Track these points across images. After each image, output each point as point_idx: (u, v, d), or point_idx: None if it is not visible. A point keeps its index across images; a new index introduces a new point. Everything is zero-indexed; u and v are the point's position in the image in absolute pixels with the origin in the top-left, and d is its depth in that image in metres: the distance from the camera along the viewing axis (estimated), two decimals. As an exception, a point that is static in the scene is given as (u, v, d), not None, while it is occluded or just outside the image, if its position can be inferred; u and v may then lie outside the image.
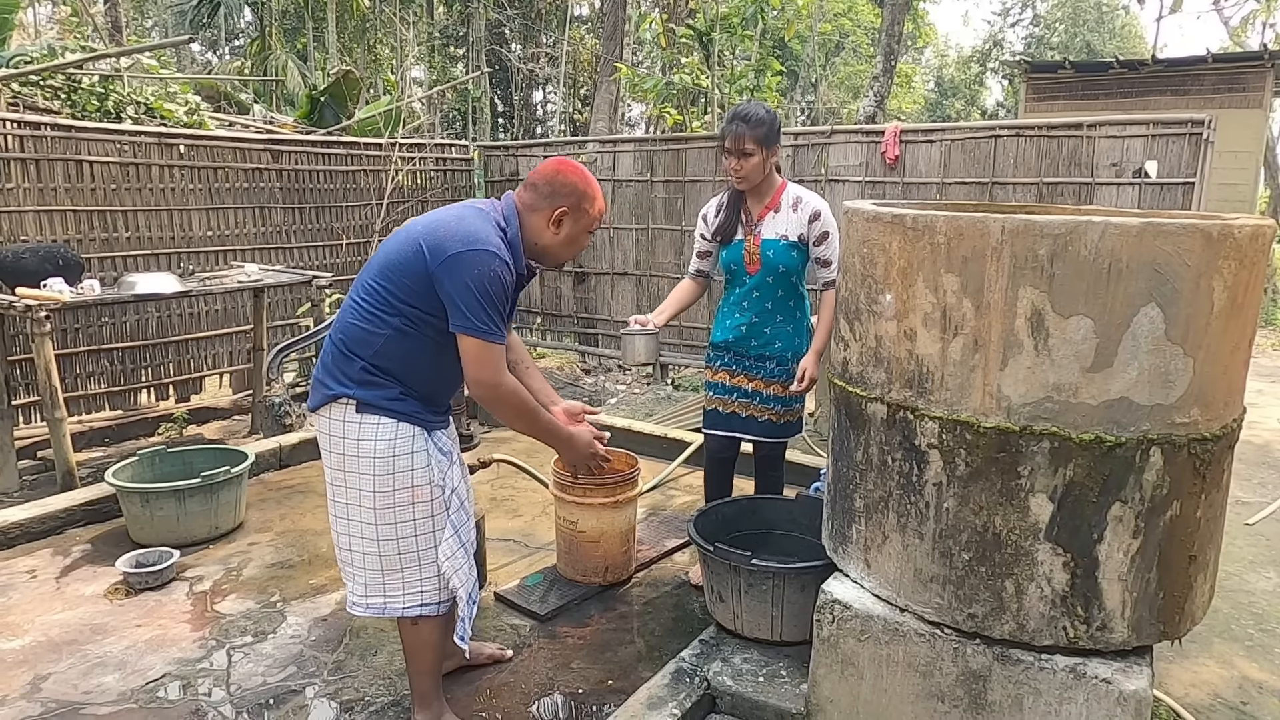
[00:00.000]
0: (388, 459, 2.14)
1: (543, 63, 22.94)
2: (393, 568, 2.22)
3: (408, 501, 2.18)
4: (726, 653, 2.63)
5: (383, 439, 2.13)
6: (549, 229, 2.23)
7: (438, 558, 2.23)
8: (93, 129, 5.47)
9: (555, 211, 2.21)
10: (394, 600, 2.25)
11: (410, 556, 2.22)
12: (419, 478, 2.18)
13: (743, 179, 2.97)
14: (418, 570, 2.23)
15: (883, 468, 2.10)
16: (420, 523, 2.21)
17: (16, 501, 4.14)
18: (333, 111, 9.32)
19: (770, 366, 3.08)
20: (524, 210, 2.24)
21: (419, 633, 2.32)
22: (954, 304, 1.91)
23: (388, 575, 2.23)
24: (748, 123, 2.89)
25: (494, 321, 2.08)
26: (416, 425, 2.18)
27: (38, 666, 2.74)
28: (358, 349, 2.15)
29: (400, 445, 2.15)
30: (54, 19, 16.85)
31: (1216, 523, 2.02)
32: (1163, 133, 5.20)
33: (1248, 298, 1.86)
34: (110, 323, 5.50)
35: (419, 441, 2.18)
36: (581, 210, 2.24)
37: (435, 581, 2.26)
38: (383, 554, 2.21)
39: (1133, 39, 29.22)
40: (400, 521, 2.19)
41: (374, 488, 2.15)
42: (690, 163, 7.09)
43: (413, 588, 2.24)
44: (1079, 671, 1.90)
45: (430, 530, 2.22)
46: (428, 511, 2.21)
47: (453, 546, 2.25)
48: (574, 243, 2.30)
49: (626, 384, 7.54)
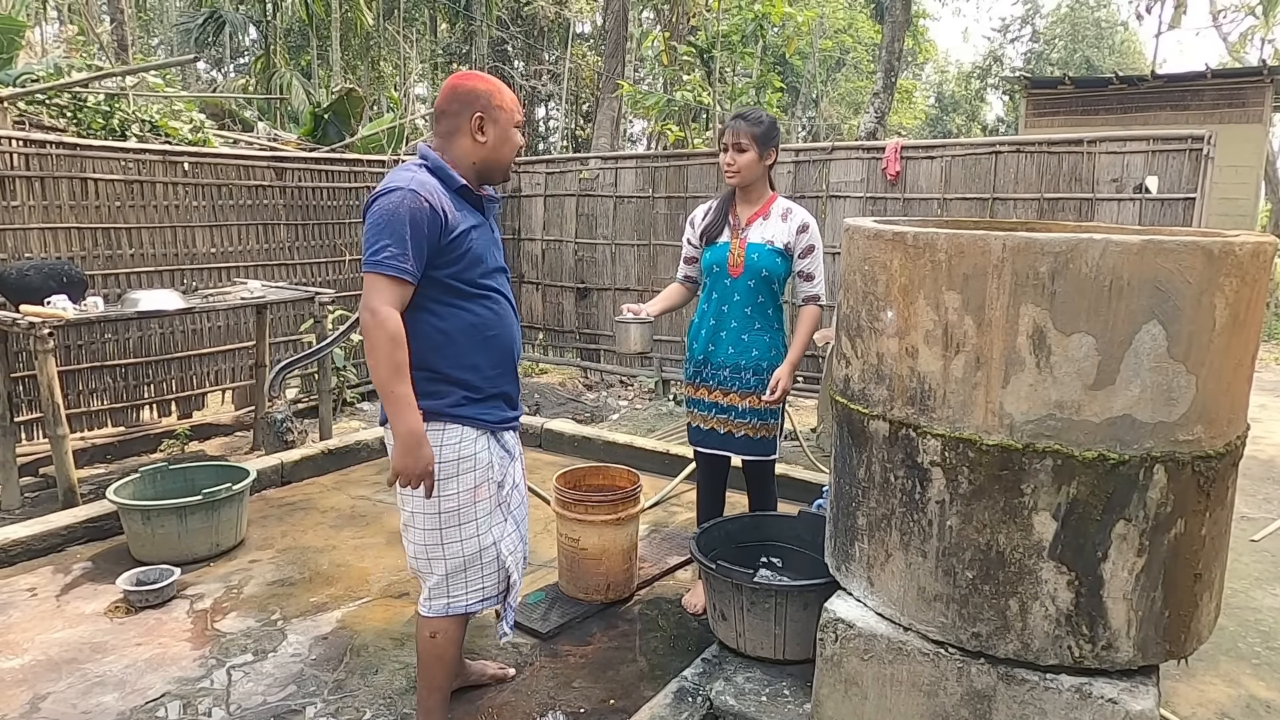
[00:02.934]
0: (453, 463, 2.20)
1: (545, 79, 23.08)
2: (457, 569, 2.28)
3: (470, 501, 2.25)
4: (729, 672, 2.61)
5: (448, 444, 2.19)
6: (476, 142, 2.21)
7: (500, 553, 2.32)
8: (98, 147, 5.50)
9: (472, 121, 2.19)
10: (457, 600, 2.32)
11: (473, 556, 2.28)
12: (480, 477, 2.25)
13: (735, 173, 3.01)
14: (480, 569, 2.31)
15: (885, 485, 2.09)
16: (482, 521, 2.28)
17: (18, 518, 4.13)
18: (336, 129, 9.37)
19: (746, 377, 3.06)
20: (444, 140, 2.22)
21: (436, 646, 2.34)
22: (955, 321, 1.91)
23: (453, 578, 2.29)
24: (746, 120, 2.98)
25: (385, 250, 2.02)
26: (479, 429, 2.24)
27: (37, 686, 2.72)
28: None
29: (464, 448, 2.21)
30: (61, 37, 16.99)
31: (1221, 540, 2.01)
32: (1163, 148, 5.21)
33: (1250, 314, 1.86)
34: (113, 339, 5.51)
35: (482, 443, 2.25)
36: (494, 108, 2.20)
37: (495, 575, 2.34)
38: (448, 557, 2.27)
39: (1132, 55, 29.36)
40: (464, 523, 2.25)
41: (439, 492, 2.21)
42: (692, 179, 7.12)
43: (475, 584, 2.31)
44: (1085, 691, 1.88)
45: (490, 527, 2.30)
46: (488, 509, 2.29)
47: (514, 541, 2.37)
48: (506, 141, 2.25)
49: (629, 399, 7.54)
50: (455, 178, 2.18)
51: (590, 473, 3.53)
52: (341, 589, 3.45)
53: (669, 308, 3.29)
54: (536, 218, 8.15)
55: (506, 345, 2.31)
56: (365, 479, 4.82)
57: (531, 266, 8.27)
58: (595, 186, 7.72)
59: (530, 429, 5.59)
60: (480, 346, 2.23)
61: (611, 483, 3.47)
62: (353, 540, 3.93)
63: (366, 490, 4.63)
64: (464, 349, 2.20)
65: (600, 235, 7.73)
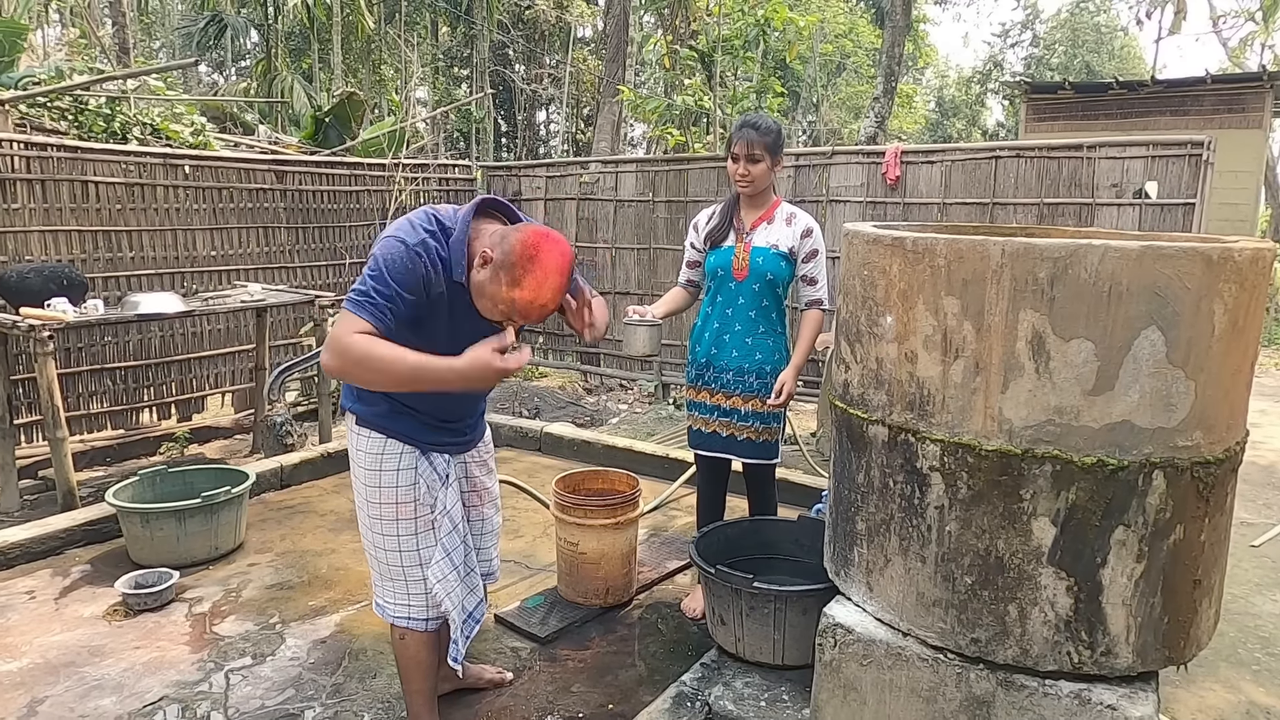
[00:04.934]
0: (374, 472, 2.20)
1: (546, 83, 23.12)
2: (384, 576, 2.29)
3: (392, 516, 2.22)
4: (728, 676, 2.61)
5: (371, 451, 2.20)
6: (476, 261, 1.98)
7: (426, 576, 2.25)
8: (99, 150, 5.51)
9: (484, 250, 1.96)
10: (388, 606, 2.32)
11: (397, 570, 2.26)
12: (403, 494, 2.21)
13: (749, 183, 3.03)
14: (405, 585, 2.27)
15: (884, 490, 2.09)
16: (405, 539, 2.23)
17: (17, 521, 4.13)
18: (337, 132, 9.38)
19: (750, 380, 3.07)
20: (483, 229, 2.04)
21: (406, 648, 2.34)
22: (955, 326, 1.91)
23: (382, 582, 2.31)
24: (758, 130, 2.99)
25: (366, 294, 1.90)
26: (406, 444, 2.20)
27: (35, 689, 2.72)
28: None
29: (386, 461, 2.19)
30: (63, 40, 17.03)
31: (1221, 546, 2.01)
32: (1163, 154, 5.21)
33: (1249, 320, 1.86)
34: (113, 342, 5.51)
35: (406, 459, 2.20)
36: (498, 276, 1.92)
37: (422, 599, 2.28)
38: (375, 559, 2.29)
39: (1132, 60, 29.41)
40: (386, 534, 2.23)
41: (365, 497, 2.24)
42: (692, 183, 7.13)
43: (400, 599, 2.29)
44: (1084, 698, 1.88)
45: (416, 549, 2.25)
46: (412, 529, 2.23)
47: (444, 569, 2.25)
48: (480, 295, 1.98)
49: (628, 404, 7.54)
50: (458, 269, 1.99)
51: (589, 477, 3.53)
52: (340, 593, 3.44)
53: (671, 311, 3.29)
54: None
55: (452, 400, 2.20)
56: (364, 482, 4.82)
57: (532, 270, 8.26)
58: (596, 190, 7.73)
59: (530, 433, 5.59)
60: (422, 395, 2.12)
61: (611, 487, 3.47)
62: (351, 544, 3.92)
63: (366, 494, 4.62)
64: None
65: (600, 239, 7.73)
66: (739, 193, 3.11)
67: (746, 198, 3.11)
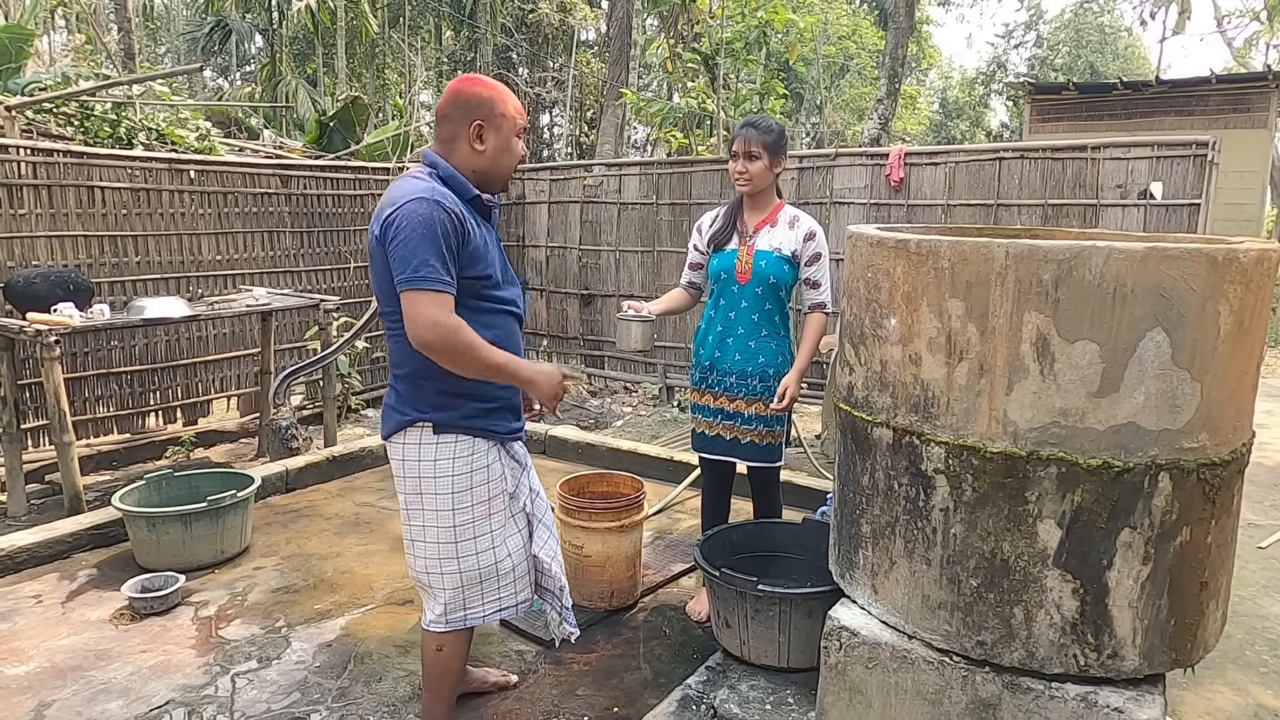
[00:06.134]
0: (466, 475, 2.20)
1: (549, 86, 23.15)
2: (473, 581, 2.26)
3: (485, 514, 2.24)
4: (733, 680, 2.61)
5: (461, 456, 2.19)
6: (475, 150, 2.16)
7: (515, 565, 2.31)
8: (104, 155, 5.53)
9: (471, 127, 2.13)
10: (474, 611, 2.30)
11: (490, 569, 2.27)
12: (494, 489, 2.25)
13: (747, 181, 3.02)
14: (496, 580, 2.29)
15: (889, 493, 2.08)
16: (497, 533, 2.27)
17: (24, 525, 4.14)
18: (341, 136, 9.41)
19: (753, 384, 3.07)
20: (446, 146, 2.18)
21: (441, 659, 2.33)
22: (959, 329, 1.90)
23: (469, 590, 2.27)
24: (757, 128, 3.00)
25: (427, 265, 1.99)
26: (490, 439, 2.23)
27: (42, 693, 2.73)
28: (419, 369, 2.14)
29: (477, 460, 2.21)
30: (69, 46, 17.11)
31: (1228, 548, 2.00)
32: (1167, 154, 5.20)
33: (1254, 321, 1.86)
34: (119, 346, 5.53)
35: (493, 454, 2.24)
36: (496, 116, 2.16)
37: (512, 586, 2.32)
38: (463, 570, 2.25)
39: (1136, 60, 29.34)
40: (479, 535, 2.24)
41: (453, 505, 2.20)
42: (695, 186, 7.13)
43: (491, 595, 2.29)
44: (1090, 700, 1.88)
45: (505, 539, 2.29)
46: (502, 521, 2.27)
47: (542, 536, 2.38)
48: (506, 150, 2.20)
49: (633, 406, 7.54)
50: (469, 187, 2.15)
51: (594, 479, 3.53)
52: (345, 596, 3.45)
53: (670, 310, 3.30)
54: (541, 224, 8.17)
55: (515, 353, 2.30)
56: (369, 485, 4.83)
57: (536, 273, 8.28)
58: (599, 193, 7.73)
59: (535, 435, 5.59)
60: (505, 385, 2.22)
61: (615, 489, 3.47)
62: (357, 547, 3.93)
63: (371, 497, 4.63)
64: None
65: (604, 242, 7.74)
66: (741, 194, 3.11)
67: (749, 200, 3.11)
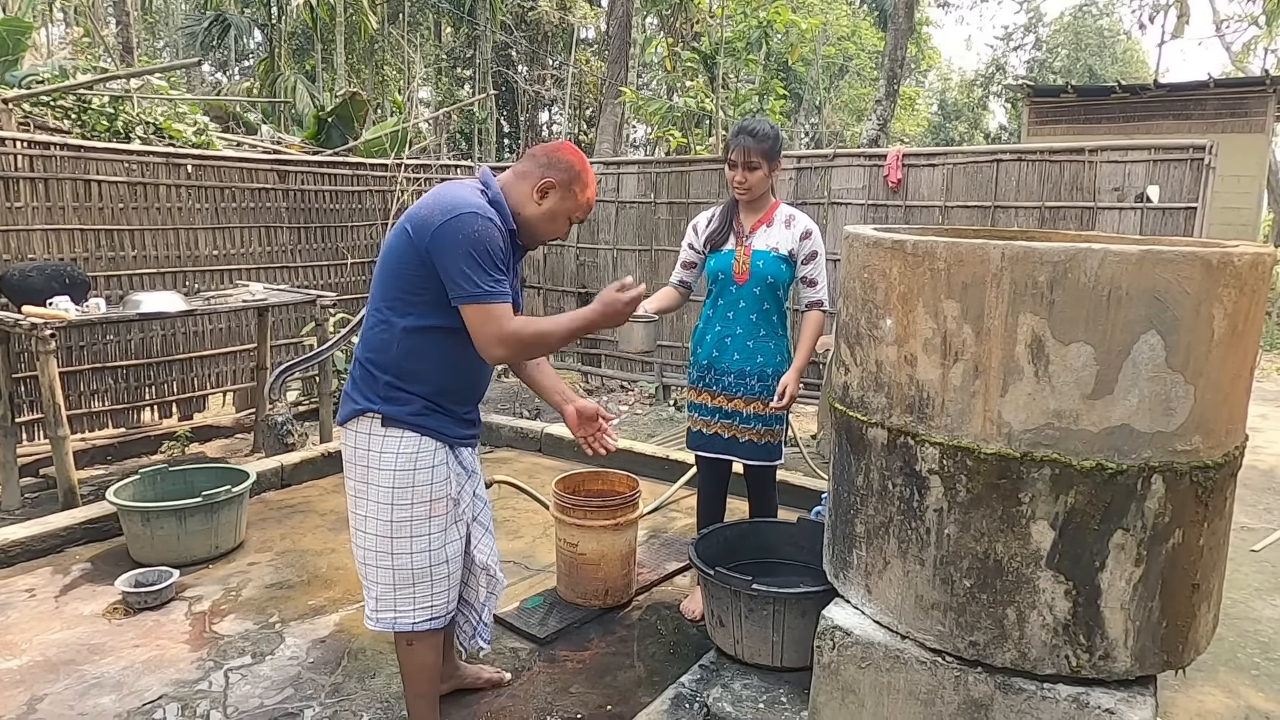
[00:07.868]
0: (408, 472, 2.17)
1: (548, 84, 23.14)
2: (405, 582, 2.23)
3: (424, 515, 2.20)
4: (727, 678, 2.61)
5: (404, 452, 2.17)
6: (533, 198, 2.19)
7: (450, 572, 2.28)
8: (102, 149, 5.51)
9: (542, 181, 2.18)
10: (404, 615, 2.26)
11: (422, 571, 2.23)
12: (437, 491, 2.21)
13: (746, 190, 3.03)
14: (429, 585, 2.25)
15: (883, 493, 2.09)
16: (434, 537, 2.23)
17: (18, 519, 4.13)
18: (340, 132, 9.39)
19: (752, 383, 3.07)
20: (514, 175, 2.22)
21: (414, 654, 2.32)
22: (954, 330, 1.91)
23: (399, 590, 2.24)
24: (754, 137, 2.97)
25: (491, 280, 2.04)
26: (439, 440, 2.21)
27: (34, 687, 2.72)
28: (380, 359, 2.16)
29: (421, 459, 2.18)
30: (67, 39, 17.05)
31: (1220, 550, 2.01)
32: (1164, 158, 5.21)
33: (1248, 325, 1.86)
34: (115, 340, 5.51)
35: (439, 456, 2.21)
36: (570, 190, 2.21)
37: (445, 594, 2.29)
38: (396, 568, 2.22)
39: (1134, 64, 29.40)
40: (416, 535, 2.21)
41: (391, 500, 2.18)
42: (694, 185, 7.13)
43: (423, 601, 2.26)
44: (1082, 701, 1.88)
45: (443, 545, 2.26)
46: (441, 525, 2.24)
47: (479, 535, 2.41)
48: (553, 220, 2.23)
49: (629, 405, 7.54)
50: (510, 220, 2.17)
51: (589, 478, 3.53)
52: (340, 592, 3.45)
53: (662, 310, 3.29)
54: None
55: (479, 381, 2.31)
56: (365, 482, 4.82)
57: (533, 271, 8.27)
58: (597, 191, 7.72)
59: (531, 434, 5.59)
60: (456, 374, 2.21)
61: (610, 488, 3.47)
62: (351, 543, 3.92)
63: (366, 493, 4.62)
64: (441, 371, 2.18)
65: (602, 240, 7.74)
66: (740, 200, 3.12)
67: (745, 202, 3.11)
